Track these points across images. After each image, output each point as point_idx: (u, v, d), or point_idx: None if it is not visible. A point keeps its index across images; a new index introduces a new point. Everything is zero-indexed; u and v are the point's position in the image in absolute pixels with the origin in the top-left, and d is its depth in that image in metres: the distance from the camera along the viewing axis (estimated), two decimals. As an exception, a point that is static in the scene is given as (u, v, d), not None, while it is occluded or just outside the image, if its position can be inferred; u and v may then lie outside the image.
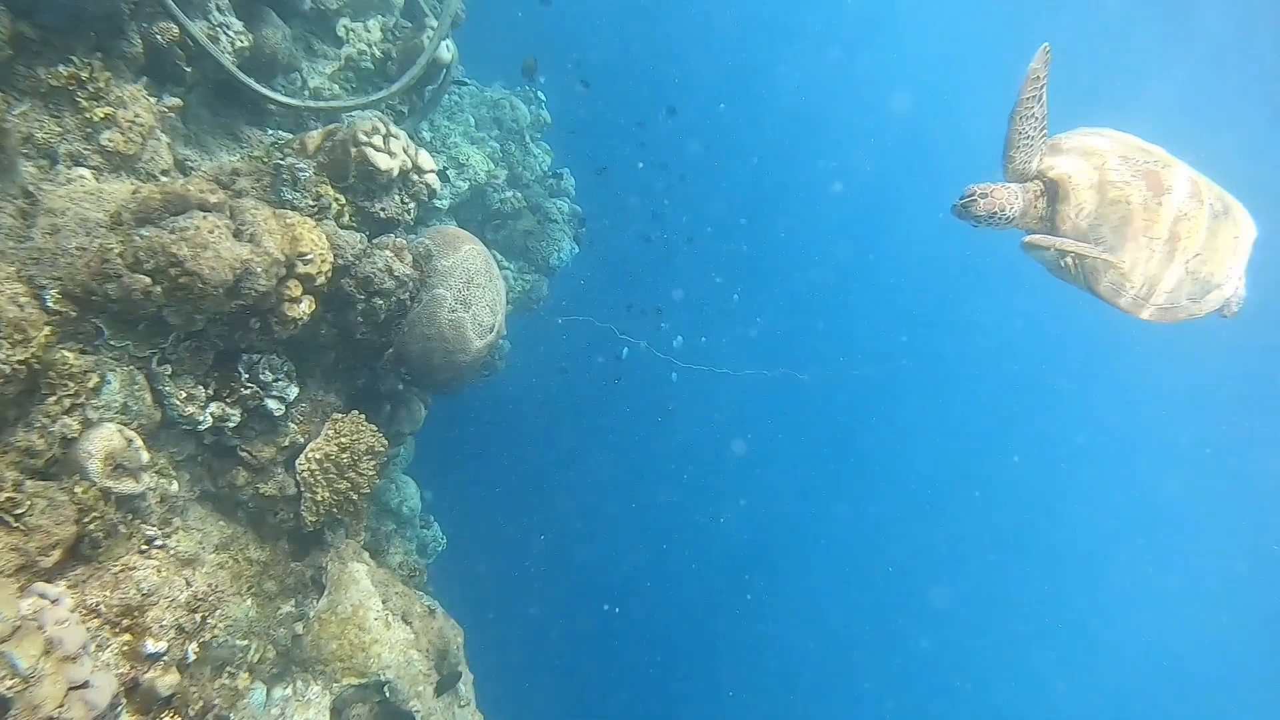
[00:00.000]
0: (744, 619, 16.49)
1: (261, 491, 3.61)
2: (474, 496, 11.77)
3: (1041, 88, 2.29)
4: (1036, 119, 2.36)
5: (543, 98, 8.45)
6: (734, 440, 17.66)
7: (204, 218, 2.89)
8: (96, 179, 3.11)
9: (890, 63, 20.38)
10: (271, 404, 3.48)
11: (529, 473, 13.00)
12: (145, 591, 2.61)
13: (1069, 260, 2.39)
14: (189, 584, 2.69)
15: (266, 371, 3.44)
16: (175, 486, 3.09)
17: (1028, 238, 2.33)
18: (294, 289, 3.28)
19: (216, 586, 2.75)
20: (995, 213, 2.36)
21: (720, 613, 16.18)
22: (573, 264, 8.06)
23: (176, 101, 3.56)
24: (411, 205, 4.12)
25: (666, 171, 14.36)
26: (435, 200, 5.40)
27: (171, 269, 2.76)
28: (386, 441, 3.97)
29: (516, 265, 7.34)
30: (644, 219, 14.46)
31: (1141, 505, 20.25)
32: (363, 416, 3.94)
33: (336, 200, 3.84)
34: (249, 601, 3.48)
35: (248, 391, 3.37)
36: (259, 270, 3.00)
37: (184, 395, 3.12)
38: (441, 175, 6.76)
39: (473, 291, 3.80)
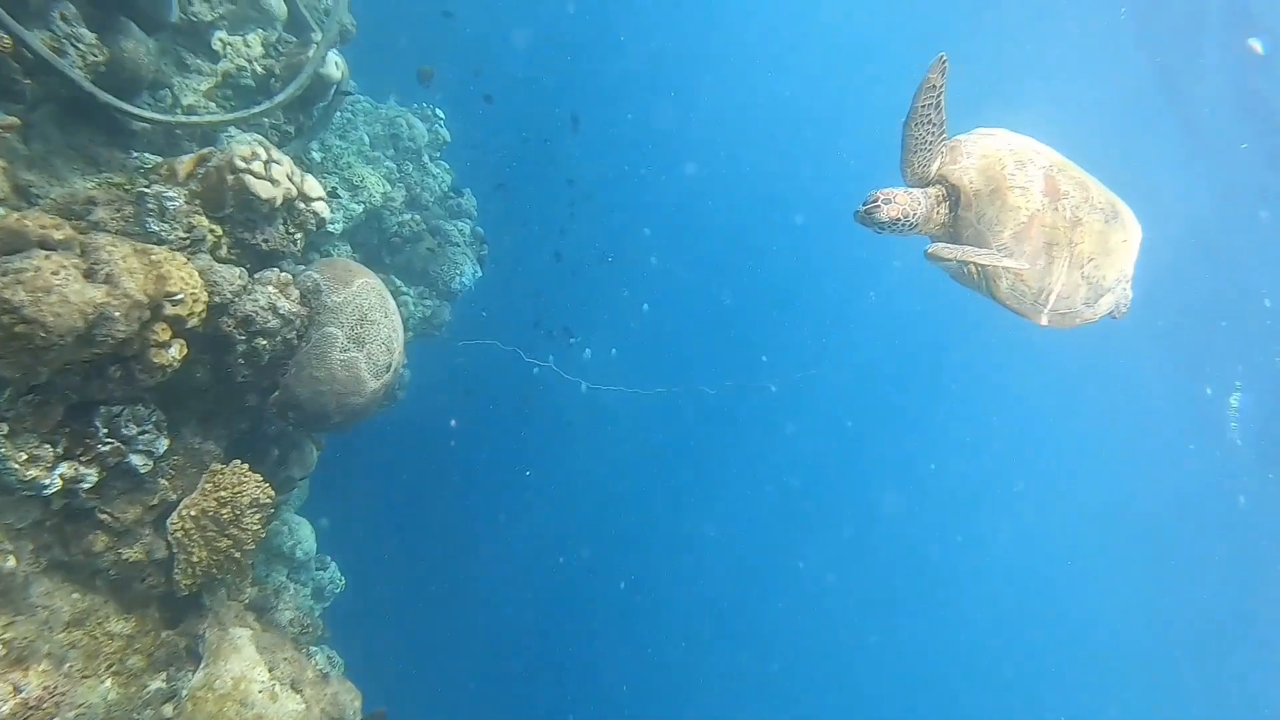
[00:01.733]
0: (652, 643, 16.41)
1: (125, 557, 3.23)
2: (376, 527, 11.20)
3: (939, 96, 2.30)
4: (934, 124, 2.36)
5: (441, 115, 8.19)
6: (641, 453, 17.69)
7: (46, 257, 2.55)
8: (-87, 211, 2.70)
9: (798, 72, 20.93)
10: (136, 460, 3.12)
11: (433, 501, 12.50)
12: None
13: (971, 268, 2.41)
14: (18, 690, 2.33)
15: (130, 424, 3.08)
16: (12, 562, 2.70)
17: (931, 249, 2.33)
18: (161, 332, 2.96)
19: (55, 688, 2.40)
20: (899, 219, 2.34)
21: (625, 638, 16.05)
22: (476, 286, 7.82)
23: (13, 120, 3.15)
24: (298, 235, 3.84)
25: (573, 187, 14.26)
26: (329, 226, 5.09)
27: (5, 317, 2.41)
28: (274, 492, 3.66)
29: (416, 290, 7.03)
30: (552, 236, 14.30)
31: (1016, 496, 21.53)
32: (246, 465, 3.61)
33: (212, 232, 3.52)
34: (108, 682, 3.08)
35: (107, 448, 3.01)
36: (117, 315, 2.68)
37: (25, 457, 2.74)
38: (332, 194, 6.42)
39: (367, 329, 3.56)
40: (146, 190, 3.30)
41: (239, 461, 3.61)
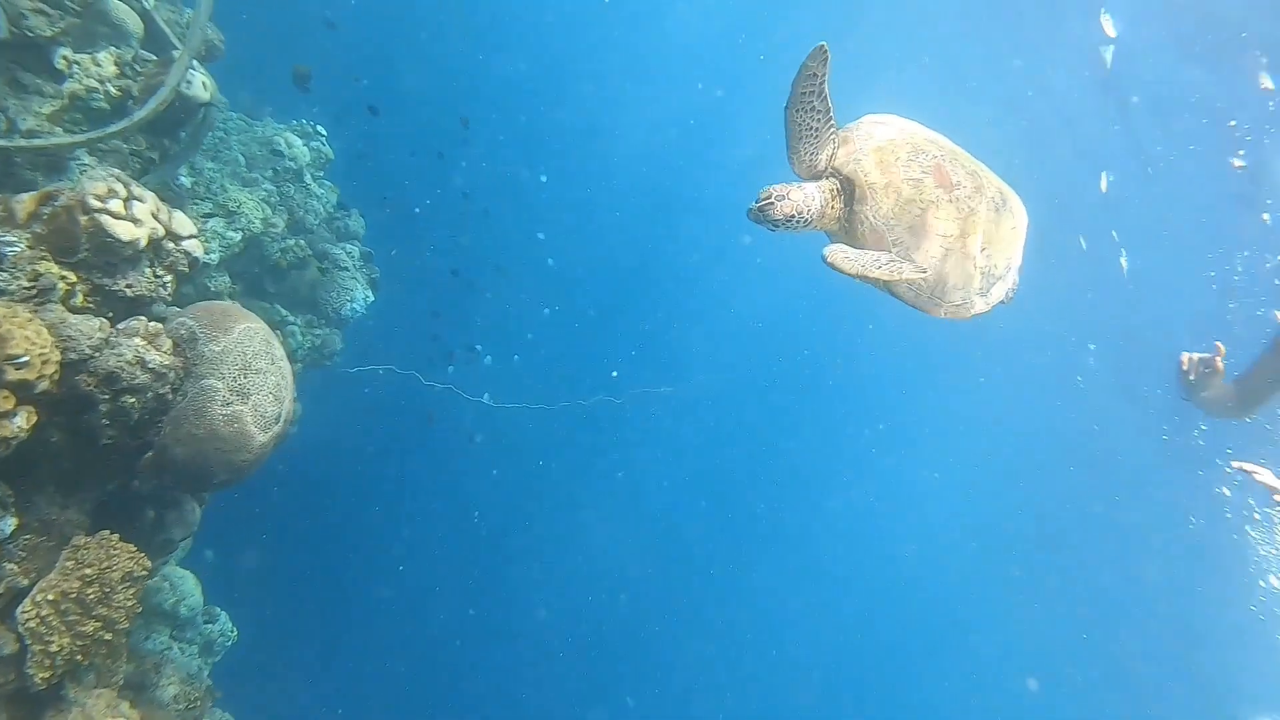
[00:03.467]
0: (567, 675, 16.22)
1: (-32, 656, 2.83)
2: (270, 565, 10.48)
3: (821, 84, 2.21)
4: (819, 111, 2.26)
5: (323, 131, 7.76)
6: (550, 464, 17.47)
7: None
8: None
9: (693, 70, 21.06)
10: (-22, 545, 2.75)
11: (331, 535, 11.82)
12: None
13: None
14: None
15: (-31, 505, 2.71)
16: None
17: (830, 258, 2.24)
18: (3, 401, 2.62)
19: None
20: (792, 215, 2.26)
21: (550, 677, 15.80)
22: (368, 311, 7.46)
23: None
24: (168, 279, 3.51)
25: (467, 199, 13.89)
26: (206, 257, 4.68)
27: None
28: (150, 562, 3.32)
29: (303, 319, 6.61)
30: (445, 250, 13.87)
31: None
32: (116, 535, 3.25)
33: (64, 279, 3.15)
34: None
35: (-59, 535, 2.63)
36: (-52, 388, 2.35)
37: None
38: (208, 216, 5.94)
39: (252, 379, 3.29)
40: (-20, 236, 2.92)
41: (107, 531, 3.25)
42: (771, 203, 2.26)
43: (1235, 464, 3.03)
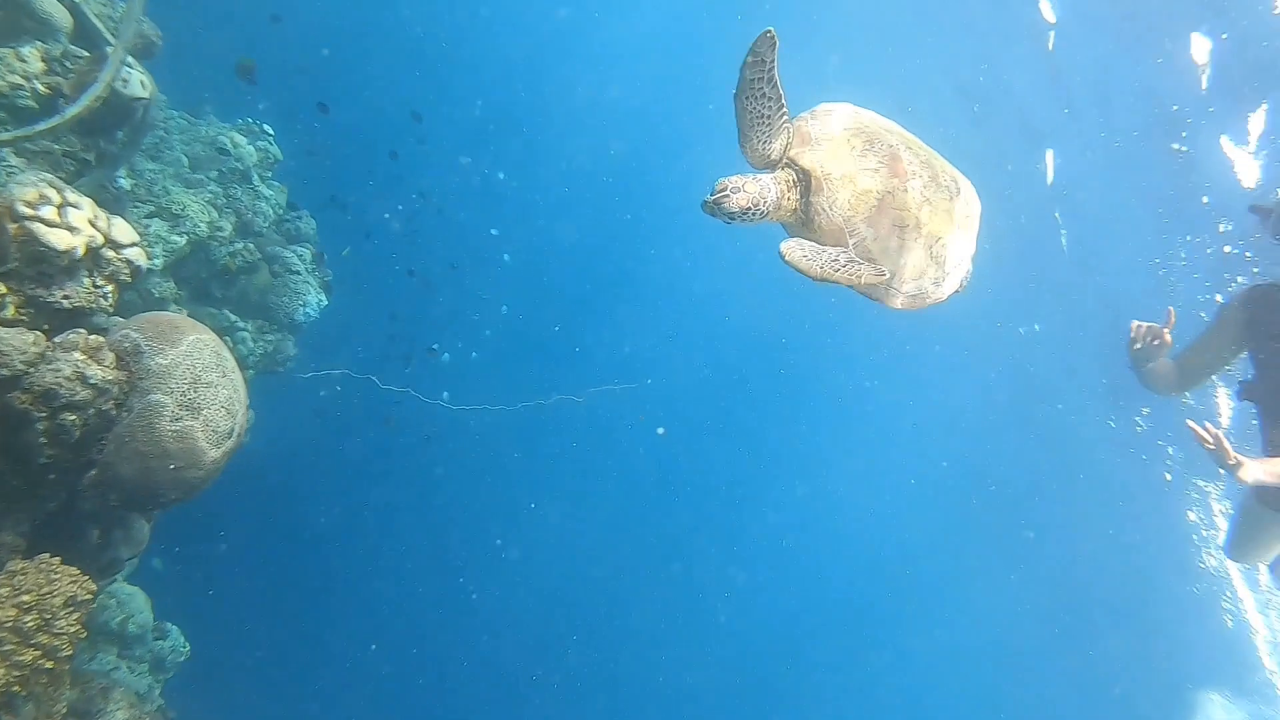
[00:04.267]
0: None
1: (-101, 693, 2.68)
2: (224, 577, 10.18)
3: (770, 69, 2.14)
4: (769, 99, 2.19)
5: (270, 131, 7.53)
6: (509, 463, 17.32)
7: None
8: None
9: (650, 62, 20.91)
10: (-93, 576, 2.60)
11: (287, 544, 11.52)
12: None
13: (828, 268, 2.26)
14: None
15: (-105, 534, 2.55)
16: None
17: (787, 256, 2.19)
18: (-68, 423, 2.48)
19: None
20: (748, 208, 2.19)
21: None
22: (322, 315, 7.27)
23: None
24: (108, 289, 3.36)
25: (423, 197, 13.63)
26: (150, 263, 4.49)
27: None
28: (95, 585, 3.17)
29: (255, 325, 6.40)
30: (400, 248, 13.60)
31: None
32: (56, 559, 3.10)
33: (-7, 291, 2.99)
34: None
35: None
36: None
37: None
38: (150, 217, 5.70)
39: (202, 392, 3.17)
40: (-100, 248, 2.76)
41: (47, 554, 3.10)
42: (727, 195, 2.19)
43: (1189, 422, 3.14)
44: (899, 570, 20.01)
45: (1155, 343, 3.59)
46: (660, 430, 19.54)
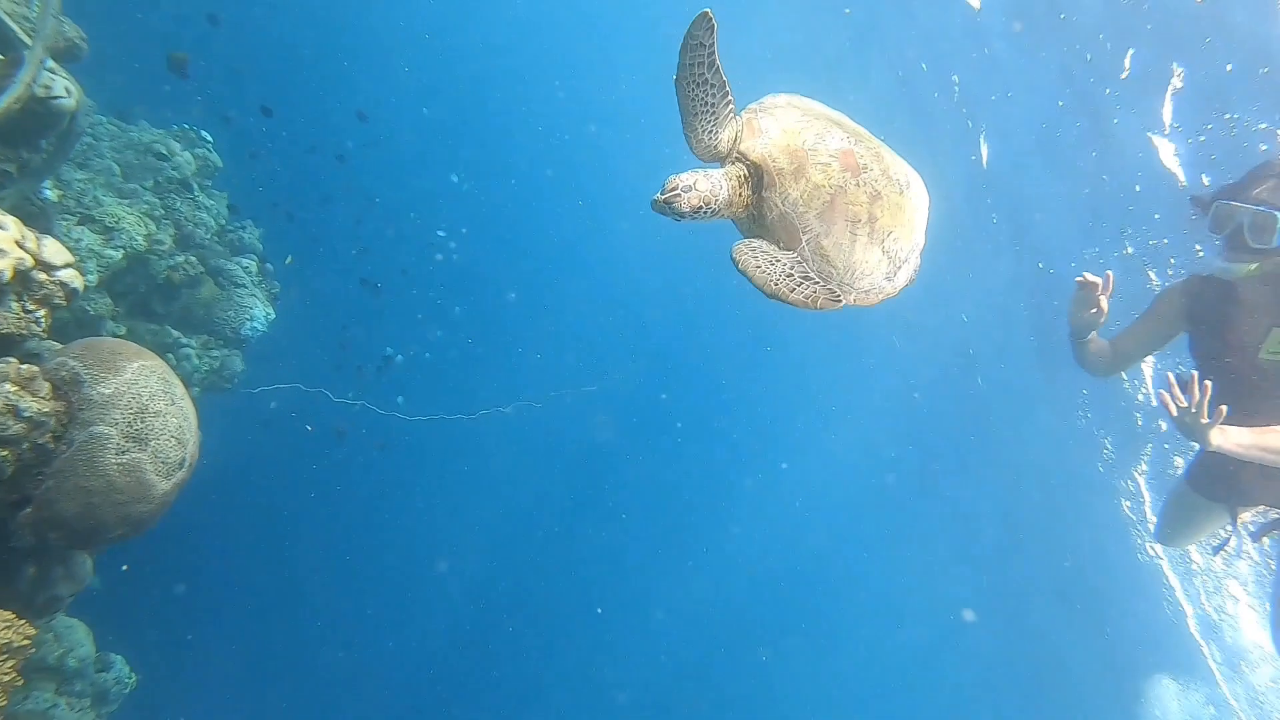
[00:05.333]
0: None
1: None
2: (169, 599, 9.73)
3: (710, 54, 2.05)
4: (712, 85, 2.10)
5: (208, 137, 7.23)
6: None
7: None
8: None
9: (598, 60, 20.74)
10: None
11: (238, 564, 11.09)
12: None
13: (781, 266, 2.20)
14: None
15: None
16: None
17: (739, 262, 2.12)
18: None
19: None
20: (700, 207, 2.10)
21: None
22: (270, 328, 7.01)
23: None
24: (40, 314, 3.16)
25: (372, 203, 13.31)
26: (85, 278, 4.24)
27: None
28: (33, 629, 2.99)
29: (199, 341, 6.13)
30: (348, 255, 13.23)
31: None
32: (-10, 604, 2.91)
33: (-89, 321, 2.78)
34: None
35: None
36: None
37: None
38: (81, 225, 5.40)
39: (149, 422, 3.01)
40: None
41: (-19, 600, 2.91)
42: (678, 194, 2.09)
43: (1163, 393, 3.16)
44: (841, 564, 20.33)
45: (1093, 311, 3.58)
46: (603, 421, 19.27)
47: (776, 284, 2.10)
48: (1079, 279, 3.58)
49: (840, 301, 2.16)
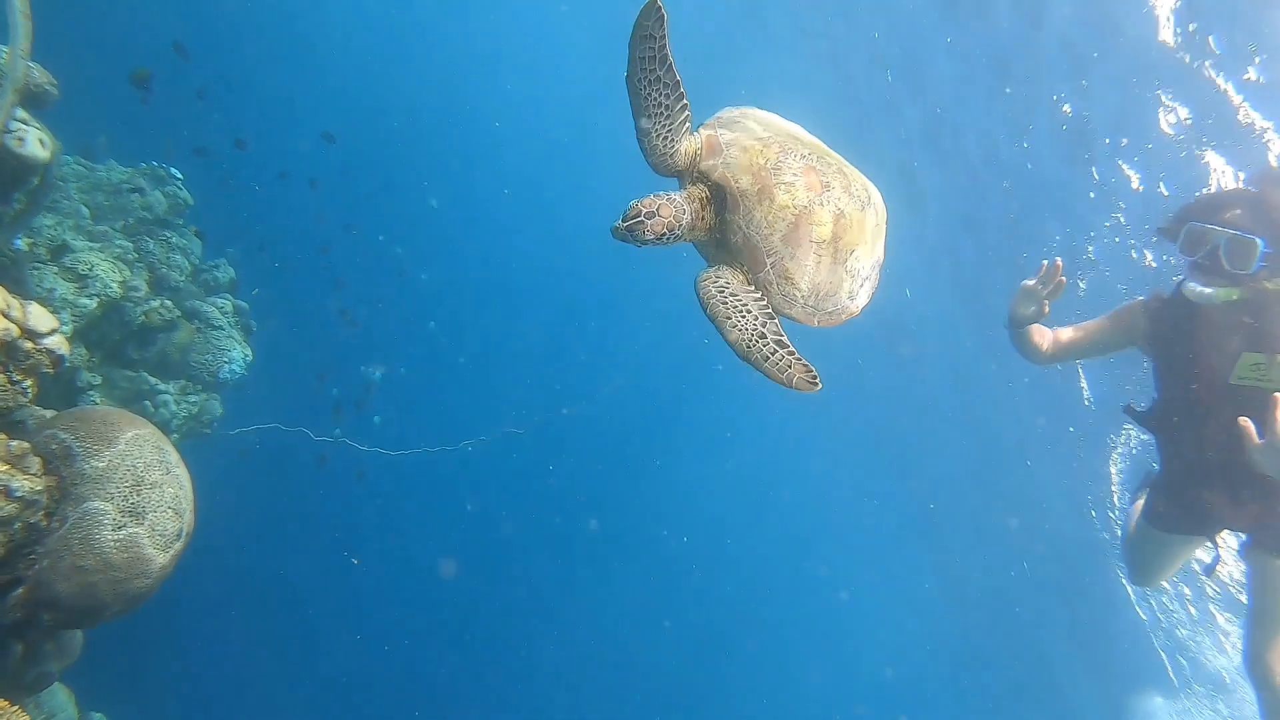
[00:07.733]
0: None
1: None
2: (153, 652, 9.41)
3: (662, 47, 1.95)
4: (666, 84, 1.99)
5: (178, 175, 7.06)
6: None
7: None
8: None
9: (559, 75, 20.73)
10: None
11: (220, 612, 10.77)
12: None
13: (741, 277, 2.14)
14: None
15: None
16: None
17: (703, 298, 2.04)
18: None
19: None
20: (664, 234, 2.02)
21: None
22: (248, 370, 6.83)
23: None
24: (27, 384, 3.04)
25: (348, 231, 13.12)
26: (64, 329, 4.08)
27: None
28: (25, 717, 2.85)
29: (176, 386, 5.96)
30: (326, 287, 13.03)
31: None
32: (-21, 690, 2.78)
33: (-109, 401, 2.66)
34: None
35: None
36: None
37: None
38: (49, 268, 5.21)
39: (146, 494, 2.90)
40: None
41: (-31, 687, 2.78)
42: (641, 221, 1.99)
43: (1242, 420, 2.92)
44: (823, 575, 20.36)
45: (1034, 309, 3.54)
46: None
47: (749, 346, 2.00)
48: (1025, 282, 3.52)
49: (818, 385, 2.02)
